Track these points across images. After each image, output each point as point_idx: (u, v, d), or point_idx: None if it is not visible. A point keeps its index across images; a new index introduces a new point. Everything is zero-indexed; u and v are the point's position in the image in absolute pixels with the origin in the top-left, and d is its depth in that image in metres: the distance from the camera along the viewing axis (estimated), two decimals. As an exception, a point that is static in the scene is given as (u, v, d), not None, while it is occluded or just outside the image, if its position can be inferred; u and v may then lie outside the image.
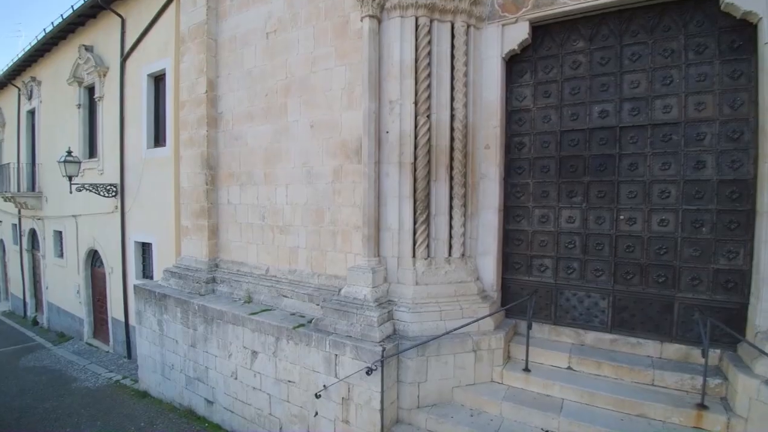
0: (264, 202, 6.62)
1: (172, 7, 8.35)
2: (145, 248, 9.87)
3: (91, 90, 11.09)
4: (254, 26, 6.62)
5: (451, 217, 5.15)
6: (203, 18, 7.06)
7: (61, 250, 12.91)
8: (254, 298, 6.38)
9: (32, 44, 12.32)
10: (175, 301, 7.00)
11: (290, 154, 6.21)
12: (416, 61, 4.89)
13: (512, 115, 5.37)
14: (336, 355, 4.74)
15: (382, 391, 4.38)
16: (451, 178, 5.11)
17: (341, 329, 4.88)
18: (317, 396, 4.78)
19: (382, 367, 4.35)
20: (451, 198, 5.13)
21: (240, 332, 5.80)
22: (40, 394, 8.34)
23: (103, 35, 10.46)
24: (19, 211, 14.84)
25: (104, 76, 10.37)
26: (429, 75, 4.92)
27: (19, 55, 13.28)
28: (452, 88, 5.04)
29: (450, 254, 5.16)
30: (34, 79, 13.38)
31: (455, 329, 4.65)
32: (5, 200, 14.52)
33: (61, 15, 10.61)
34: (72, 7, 10.08)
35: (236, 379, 5.88)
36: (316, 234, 5.94)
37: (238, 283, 6.72)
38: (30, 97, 13.84)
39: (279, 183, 6.39)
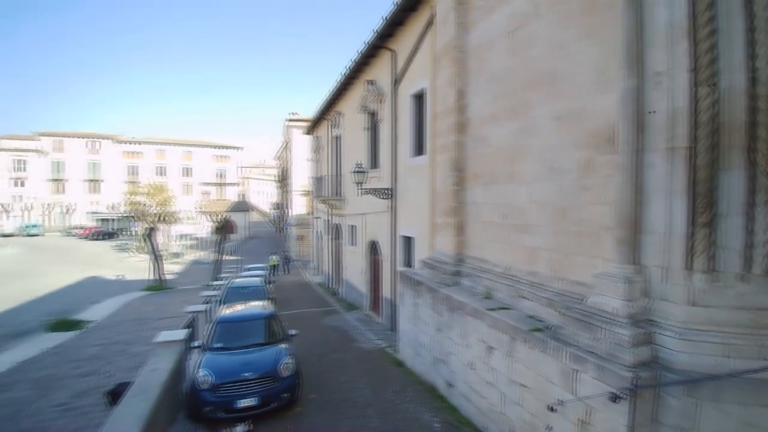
0: (505, 200, 6.46)
1: (430, 33, 9.26)
2: (408, 241, 11.29)
3: (373, 115, 13.56)
4: (497, 29, 6.56)
5: (750, 219, 3.68)
6: (453, 34, 7.50)
7: (354, 240, 16.29)
8: (493, 294, 6.31)
9: (335, 86, 16.09)
10: (426, 288, 7.70)
11: (532, 150, 5.83)
12: (693, 17, 3.71)
13: None
14: (575, 370, 4.13)
15: (632, 428, 3.52)
16: (752, 165, 3.64)
17: (583, 342, 4.21)
18: (551, 409, 4.29)
19: (634, 398, 3.51)
20: (750, 193, 3.66)
21: (478, 325, 5.85)
22: (332, 346, 10.75)
23: (380, 69, 12.61)
24: (329, 211, 19.61)
25: (382, 102, 12.49)
26: (713, 31, 3.65)
27: (327, 97, 17.57)
28: (751, 42, 3.59)
29: (747, 269, 3.70)
30: (338, 112, 17.47)
31: (749, 371, 3.29)
32: (321, 202, 19.48)
33: (352, 60, 13.39)
34: (358, 51, 12.60)
35: (473, 369, 5.96)
36: (559, 234, 5.36)
37: (479, 278, 6.80)
38: (335, 126, 18.11)
39: (520, 181, 6.10)
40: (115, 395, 6.02)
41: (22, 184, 59.93)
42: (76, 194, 62.88)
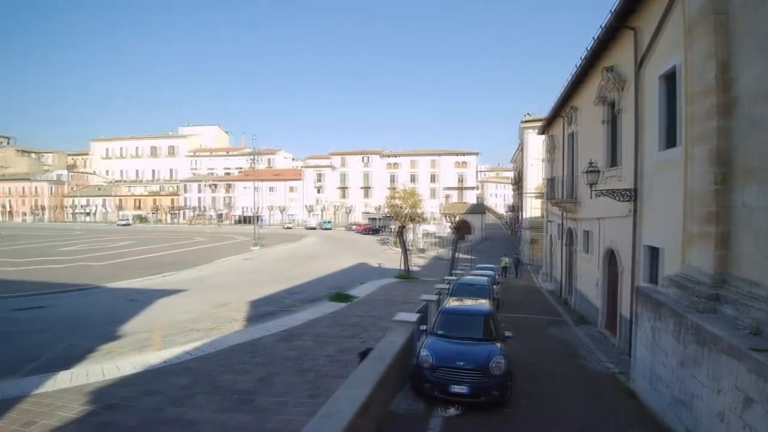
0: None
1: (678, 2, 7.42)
2: (654, 252, 9.37)
3: (612, 105, 11.78)
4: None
5: None
6: (711, -7, 5.82)
7: (588, 247, 14.56)
8: (765, 331, 4.60)
9: (570, 80, 14.68)
10: (669, 311, 6.27)
11: None
12: None
13: None
14: None
15: None
16: None
17: None
18: None
19: None
20: None
21: (734, 367, 4.39)
22: (553, 358, 9.98)
23: (619, 53, 10.83)
24: (562, 214, 18.09)
25: (622, 89, 10.72)
26: None
27: (561, 92, 16.18)
28: None
29: None
30: (573, 107, 15.89)
31: None
32: (554, 205, 18.17)
33: (587, 48, 11.96)
34: (593, 37, 11.15)
35: (723, 422, 4.50)
36: None
37: (747, 307, 5.06)
38: (570, 123, 16.53)
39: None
40: (363, 356, 7.53)
41: (321, 191, 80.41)
42: (355, 198, 79.62)
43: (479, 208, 62.92)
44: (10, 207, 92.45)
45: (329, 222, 73.06)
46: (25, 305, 17.11)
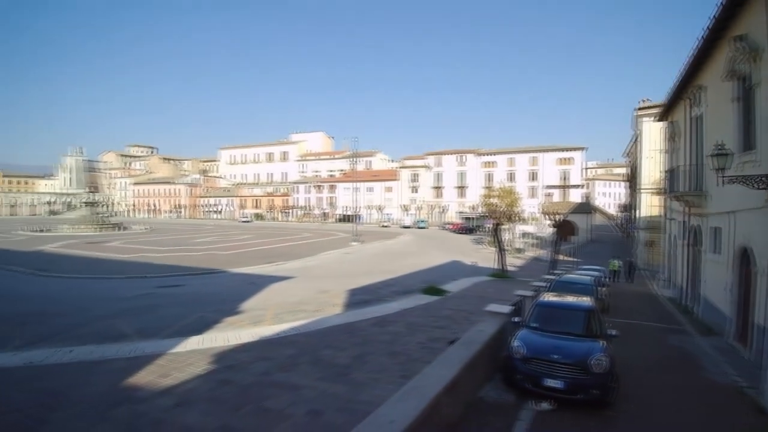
0: None
1: None
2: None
3: (743, 80, 10.04)
4: None
5: None
6: None
7: (717, 246, 12.58)
8: None
9: (691, 56, 12.76)
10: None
11: None
12: None
13: None
14: None
15: None
16: None
17: None
18: None
19: None
20: None
21: None
22: (668, 367, 8.92)
23: (750, 18, 9.18)
24: (685, 210, 15.82)
25: (757, 59, 9.08)
26: None
27: (682, 71, 14.12)
28: None
29: None
30: (698, 86, 13.78)
31: None
32: (675, 199, 15.97)
33: (711, 17, 10.33)
34: (717, 4, 9.59)
35: None
36: None
37: None
38: (694, 104, 14.37)
39: None
40: (452, 344, 7.67)
41: (416, 191, 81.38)
42: (449, 197, 79.08)
43: (585, 208, 57.70)
44: (156, 206, 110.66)
45: (424, 221, 73.58)
46: (167, 284, 20.50)
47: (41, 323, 11.83)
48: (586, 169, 79.63)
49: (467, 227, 65.48)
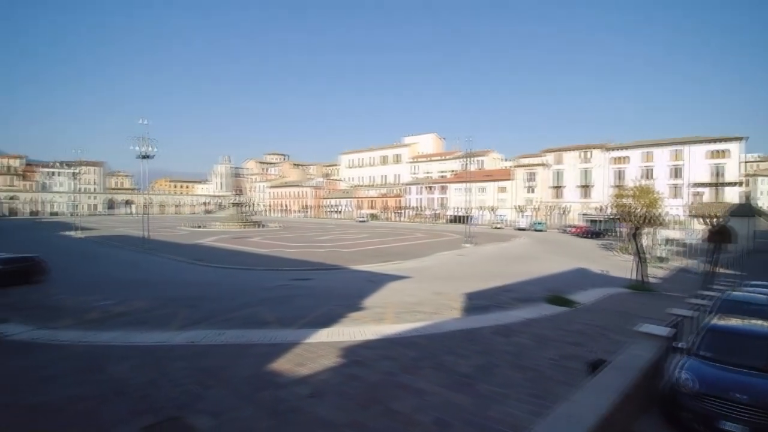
0: None
1: None
2: None
3: None
4: None
5: None
6: None
7: None
8: None
9: None
10: None
11: None
12: None
13: None
14: None
15: None
16: None
17: None
18: None
19: None
20: None
21: None
22: None
23: None
24: None
25: None
26: None
27: None
28: None
29: None
30: None
31: None
32: None
33: None
34: None
35: None
36: None
37: None
38: None
39: None
40: (594, 366, 6.66)
41: (532, 191, 76.03)
42: (571, 198, 71.95)
43: (745, 210, 46.83)
44: (287, 206, 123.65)
45: (542, 223, 67.98)
46: (299, 277, 22.45)
47: (197, 307, 13.85)
48: (746, 163, 64.83)
49: (593, 231, 58.56)
